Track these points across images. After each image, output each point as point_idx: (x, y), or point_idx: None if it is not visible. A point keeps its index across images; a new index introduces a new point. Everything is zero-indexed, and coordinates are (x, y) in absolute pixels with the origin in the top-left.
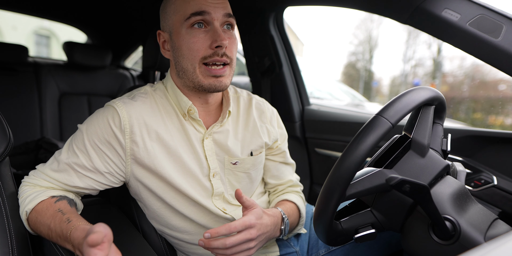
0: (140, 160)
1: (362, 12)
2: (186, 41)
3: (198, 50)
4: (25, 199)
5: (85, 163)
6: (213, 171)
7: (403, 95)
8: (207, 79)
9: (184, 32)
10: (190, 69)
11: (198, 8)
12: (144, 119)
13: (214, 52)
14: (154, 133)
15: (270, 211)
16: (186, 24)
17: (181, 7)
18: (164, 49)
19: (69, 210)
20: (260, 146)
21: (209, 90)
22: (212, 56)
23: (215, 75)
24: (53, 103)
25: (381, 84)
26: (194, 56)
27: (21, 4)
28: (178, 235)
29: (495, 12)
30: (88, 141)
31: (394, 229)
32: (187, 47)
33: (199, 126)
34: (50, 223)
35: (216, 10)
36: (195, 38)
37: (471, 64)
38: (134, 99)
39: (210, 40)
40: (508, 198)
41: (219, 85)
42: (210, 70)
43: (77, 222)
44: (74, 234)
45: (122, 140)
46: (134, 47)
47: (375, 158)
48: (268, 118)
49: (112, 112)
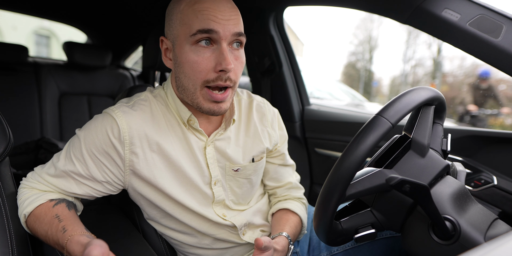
0: (139, 172)
1: (362, 12)
2: (189, 59)
3: (201, 72)
4: (24, 201)
5: (81, 172)
6: (215, 179)
7: (403, 95)
8: (207, 103)
9: (188, 48)
10: (191, 89)
11: (206, 24)
12: (145, 130)
13: (218, 76)
14: (155, 144)
15: (280, 244)
16: (191, 40)
17: (189, 19)
18: (166, 56)
19: (66, 216)
20: (261, 152)
21: (207, 113)
22: (216, 80)
23: (216, 100)
24: (53, 103)
25: (381, 84)
26: (197, 77)
27: (21, 4)
28: (178, 236)
29: (495, 12)
30: (86, 150)
31: (394, 229)
32: (190, 67)
33: (200, 134)
34: (47, 229)
35: (225, 28)
36: (199, 57)
37: (471, 64)
38: (134, 108)
39: (215, 62)
40: (508, 198)
41: (218, 110)
42: (211, 94)
43: (72, 232)
44: (69, 247)
45: (121, 151)
46: (134, 47)
47: (375, 158)
48: (269, 121)
49: (111, 122)
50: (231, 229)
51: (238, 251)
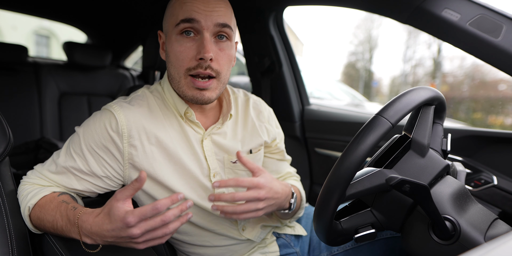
0: (138, 164)
1: (362, 12)
2: (173, 49)
3: (183, 60)
4: (27, 195)
5: (82, 167)
6: (213, 171)
7: (403, 95)
8: (191, 91)
9: (174, 38)
10: (176, 78)
11: (188, 14)
12: (143, 124)
13: (198, 64)
14: (153, 137)
15: (282, 182)
16: (176, 30)
17: (175, 11)
18: (162, 50)
19: (73, 201)
20: (259, 144)
21: (192, 101)
22: (196, 68)
23: (199, 87)
24: (53, 103)
25: (381, 84)
26: (180, 65)
27: (21, 4)
28: (177, 236)
29: (495, 12)
30: (85, 145)
31: (394, 229)
32: (174, 56)
33: (197, 127)
34: (55, 213)
35: (207, 18)
36: (181, 47)
37: (471, 64)
38: (131, 103)
39: (196, 51)
40: (508, 198)
41: (201, 98)
42: (194, 81)
43: (83, 209)
44: (83, 217)
45: (120, 144)
46: (134, 47)
47: (375, 158)
48: (266, 117)
49: (109, 116)
50: (231, 224)
51: (238, 250)
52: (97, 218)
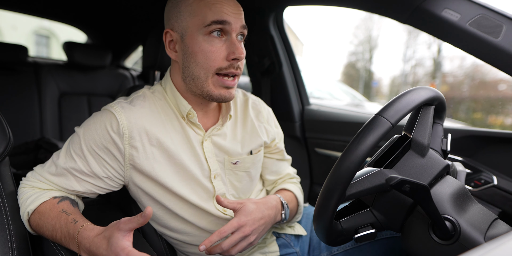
0: (139, 166)
1: (362, 12)
2: (203, 49)
3: (214, 60)
4: (26, 200)
5: (82, 168)
6: (214, 173)
7: (403, 95)
8: (218, 90)
9: (202, 38)
10: (202, 78)
11: (220, 16)
12: (144, 125)
13: (230, 64)
14: (154, 138)
15: (268, 199)
16: (205, 31)
17: (201, 11)
18: (169, 49)
19: (73, 211)
20: (259, 145)
21: (218, 100)
22: (228, 68)
23: (227, 86)
24: (53, 103)
25: (381, 84)
26: (210, 65)
27: (21, 4)
28: (177, 236)
29: (495, 12)
30: (86, 146)
31: (394, 229)
32: (204, 56)
33: (198, 128)
34: (55, 223)
35: (236, 21)
36: (213, 47)
37: (471, 64)
38: (132, 104)
39: (227, 51)
40: (508, 198)
41: (228, 96)
42: (223, 81)
43: (84, 223)
44: (83, 233)
45: (121, 145)
46: (134, 47)
47: (375, 158)
48: (265, 117)
49: (110, 117)
50: None
51: None
52: (97, 238)
